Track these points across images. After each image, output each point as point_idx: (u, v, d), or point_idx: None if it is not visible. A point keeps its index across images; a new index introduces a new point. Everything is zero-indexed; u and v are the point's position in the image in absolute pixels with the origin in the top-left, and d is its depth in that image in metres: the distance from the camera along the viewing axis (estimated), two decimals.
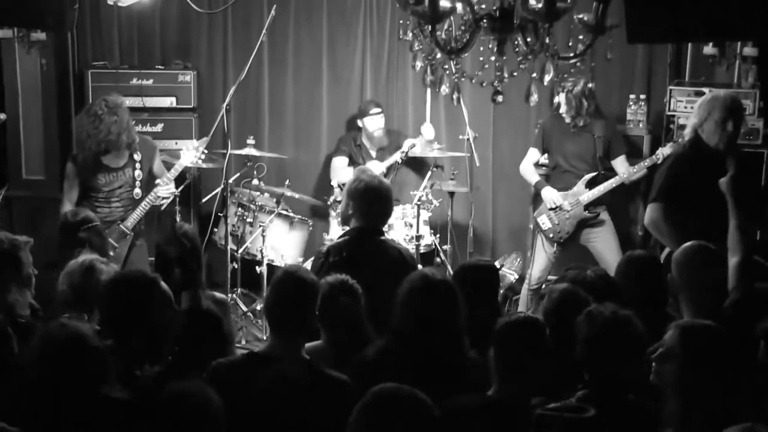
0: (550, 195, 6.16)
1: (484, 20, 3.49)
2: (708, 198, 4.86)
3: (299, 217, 6.66)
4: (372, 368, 3.46)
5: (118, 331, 3.39)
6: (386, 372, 3.21)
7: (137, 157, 5.77)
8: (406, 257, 4.53)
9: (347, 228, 4.62)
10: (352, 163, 6.87)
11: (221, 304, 4.24)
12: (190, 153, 5.91)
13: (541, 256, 6.29)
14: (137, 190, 5.79)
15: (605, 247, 6.13)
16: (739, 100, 5.08)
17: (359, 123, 6.93)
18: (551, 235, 6.21)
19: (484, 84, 3.69)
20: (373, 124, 6.86)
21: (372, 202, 4.50)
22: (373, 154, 6.93)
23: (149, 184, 5.85)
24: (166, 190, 5.80)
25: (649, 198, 5.23)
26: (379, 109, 6.88)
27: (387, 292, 3.74)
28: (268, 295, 3.48)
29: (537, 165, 6.38)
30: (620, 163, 6.18)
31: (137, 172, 5.79)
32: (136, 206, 5.76)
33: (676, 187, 5.04)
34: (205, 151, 6.02)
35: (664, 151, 5.95)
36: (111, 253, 5.28)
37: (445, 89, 3.75)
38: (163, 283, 3.61)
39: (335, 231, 6.24)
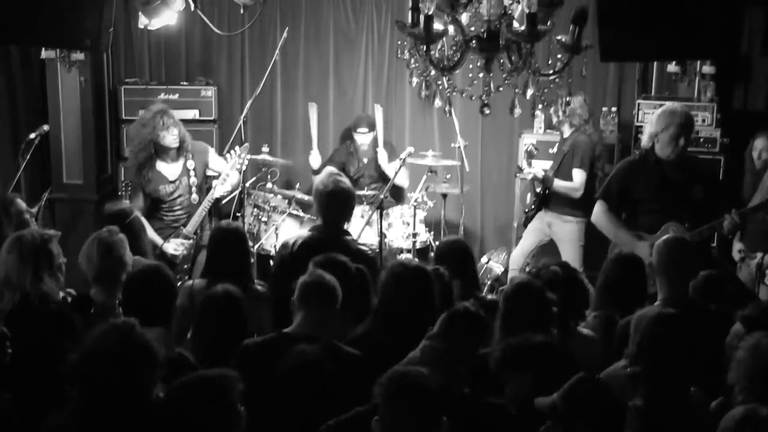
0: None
1: (473, 41, 3.52)
2: (653, 199, 4.94)
3: (308, 216, 6.63)
4: (359, 344, 3.47)
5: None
6: (371, 347, 3.31)
7: (190, 165, 5.73)
8: (363, 259, 4.20)
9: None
10: (344, 168, 6.86)
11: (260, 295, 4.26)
12: (233, 160, 5.80)
13: (525, 240, 6.33)
14: (194, 196, 5.74)
15: (566, 246, 6.10)
16: (691, 116, 5.08)
17: (353, 134, 6.90)
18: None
19: (473, 98, 3.70)
20: (359, 139, 6.83)
21: (329, 203, 4.40)
22: (365, 160, 6.91)
23: (202, 189, 5.83)
24: (221, 190, 5.70)
25: (596, 195, 5.28)
26: (366, 129, 6.80)
27: None
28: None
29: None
30: (575, 174, 6.05)
31: (192, 179, 5.73)
32: (194, 211, 5.72)
33: (622, 189, 5.10)
34: (249, 157, 5.90)
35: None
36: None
37: (438, 102, 3.76)
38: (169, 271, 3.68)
39: None
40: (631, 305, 3.73)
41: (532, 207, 6.20)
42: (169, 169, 5.69)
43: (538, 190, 6.13)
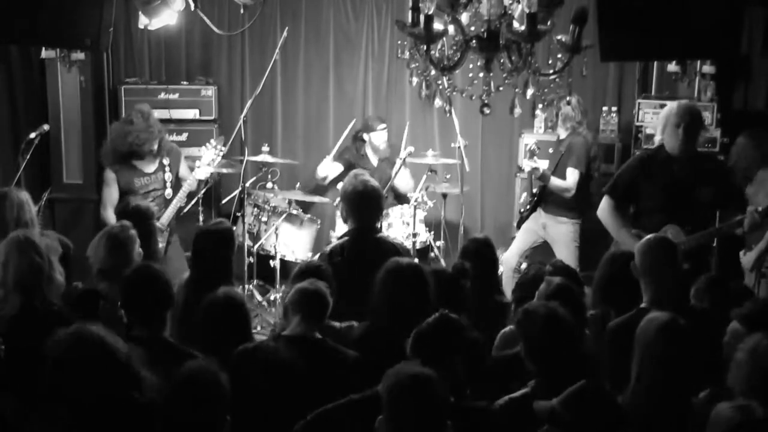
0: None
1: (474, 41, 3.52)
2: (658, 198, 4.93)
3: (308, 216, 6.66)
4: (357, 345, 3.52)
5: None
6: (369, 348, 3.35)
7: (166, 161, 5.80)
8: (401, 252, 4.42)
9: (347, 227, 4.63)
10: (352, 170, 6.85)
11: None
12: (210, 151, 5.91)
13: (519, 241, 6.34)
14: (168, 191, 5.82)
15: (561, 247, 6.13)
16: (690, 108, 4.99)
17: (365, 137, 6.88)
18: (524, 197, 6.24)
19: (473, 97, 3.70)
20: (379, 138, 6.82)
21: (361, 204, 4.47)
22: (375, 163, 6.91)
23: (176, 186, 5.88)
24: (202, 172, 5.81)
25: (603, 189, 5.28)
26: (384, 125, 6.83)
27: None
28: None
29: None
30: (569, 173, 6.08)
31: (167, 175, 5.81)
32: (168, 206, 5.79)
33: (629, 185, 5.07)
34: (223, 148, 5.99)
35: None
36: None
37: (438, 102, 3.76)
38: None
39: (341, 228, 6.25)
40: (626, 303, 3.75)
41: (527, 207, 6.21)
42: (143, 164, 5.76)
43: (535, 190, 6.14)
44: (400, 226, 6.54)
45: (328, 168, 6.79)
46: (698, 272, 4.09)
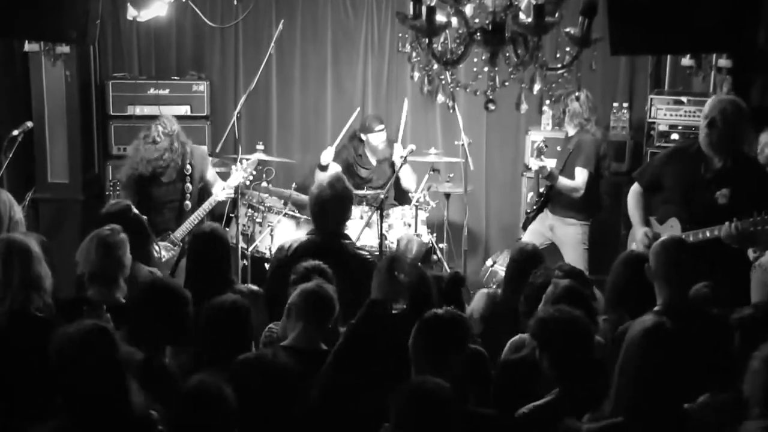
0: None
1: (478, 34, 3.50)
2: (675, 190, 4.85)
3: (305, 217, 6.61)
4: None
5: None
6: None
7: (188, 171, 5.72)
8: (360, 262, 4.36)
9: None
10: (350, 170, 6.81)
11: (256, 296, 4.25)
12: (239, 173, 5.86)
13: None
14: (187, 202, 5.76)
15: (569, 250, 6.10)
16: (726, 103, 4.69)
17: (362, 137, 6.86)
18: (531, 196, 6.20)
19: (477, 93, 3.67)
20: (377, 139, 6.81)
21: (324, 207, 4.47)
22: (374, 162, 6.89)
23: (203, 192, 5.85)
24: (224, 194, 5.80)
25: (633, 174, 5.25)
26: (382, 126, 6.82)
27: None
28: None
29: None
30: (578, 173, 6.04)
31: (187, 185, 5.75)
32: (186, 217, 5.73)
33: (654, 173, 5.01)
34: (254, 172, 5.97)
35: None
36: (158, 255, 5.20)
37: (441, 98, 3.73)
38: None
39: None
40: (641, 307, 3.70)
41: (534, 207, 6.16)
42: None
43: (542, 190, 6.09)
44: (402, 227, 6.51)
45: (330, 156, 6.74)
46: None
